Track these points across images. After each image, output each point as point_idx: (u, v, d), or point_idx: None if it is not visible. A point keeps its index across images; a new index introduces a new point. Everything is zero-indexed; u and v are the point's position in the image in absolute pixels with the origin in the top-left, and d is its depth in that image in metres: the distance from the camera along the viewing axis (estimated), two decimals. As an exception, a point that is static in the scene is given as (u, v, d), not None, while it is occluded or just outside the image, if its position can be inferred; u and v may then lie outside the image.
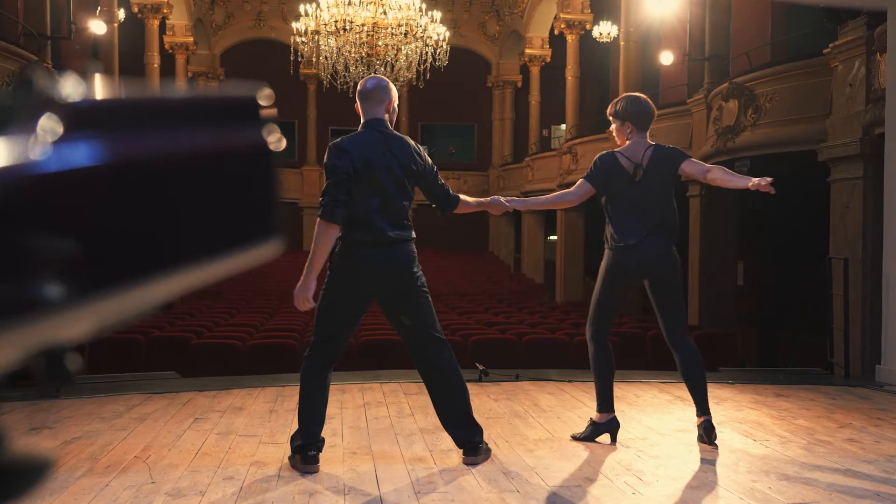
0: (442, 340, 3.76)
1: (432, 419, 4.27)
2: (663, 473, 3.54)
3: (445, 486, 3.32)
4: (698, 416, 4.10)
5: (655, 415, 4.88)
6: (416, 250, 3.77)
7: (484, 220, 24.76)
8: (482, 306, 14.28)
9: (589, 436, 4.12)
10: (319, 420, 3.64)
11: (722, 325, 11.79)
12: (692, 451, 3.95)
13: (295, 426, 3.77)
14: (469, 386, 5.52)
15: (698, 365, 4.13)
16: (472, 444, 3.68)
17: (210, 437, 4.23)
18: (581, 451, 3.91)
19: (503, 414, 4.84)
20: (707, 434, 4.01)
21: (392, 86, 3.82)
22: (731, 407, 5.17)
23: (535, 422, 4.64)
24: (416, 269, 3.71)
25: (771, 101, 10.19)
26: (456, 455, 3.76)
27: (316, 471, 3.55)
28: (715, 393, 5.68)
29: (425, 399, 4.29)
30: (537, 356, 8.63)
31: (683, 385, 5.97)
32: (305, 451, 3.56)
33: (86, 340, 0.52)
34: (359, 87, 3.80)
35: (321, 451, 3.62)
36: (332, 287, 3.64)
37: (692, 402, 5.29)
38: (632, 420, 4.70)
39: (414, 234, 3.76)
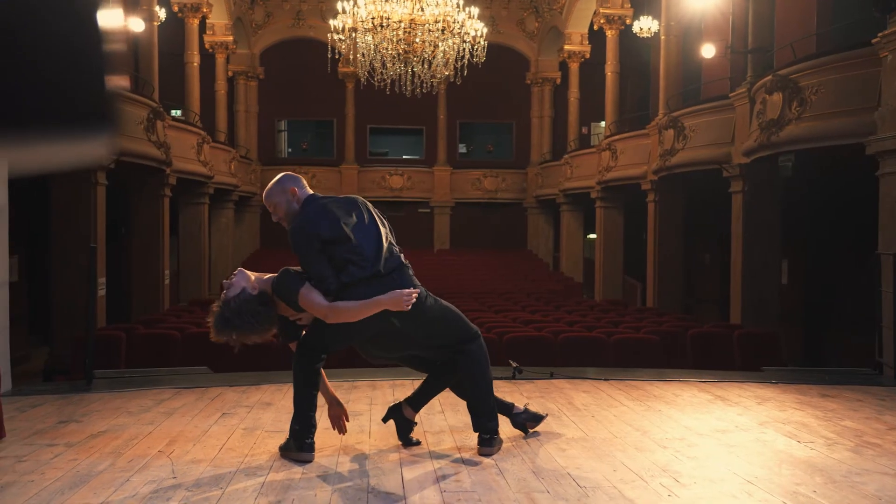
0: (465, 344, 3.78)
1: (462, 417, 4.17)
2: (701, 475, 3.38)
3: (473, 486, 3.21)
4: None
5: (694, 414, 4.70)
6: (417, 284, 3.69)
7: (522, 218, 24.58)
8: (519, 304, 14.13)
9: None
10: (315, 408, 3.67)
11: (765, 323, 11.49)
12: (733, 453, 3.78)
13: (322, 423, 3.72)
14: (502, 384, 5.42)
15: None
16: (485, 431, 3.74)
17: (236, 432, 4.16)
18: (616, 452, 3.77)
19: (536, 412, 4.70)
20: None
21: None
22: (774, 407, 4.98)
23: (569, 420, 4.50)
24: (420, 303, 3.62)
25: (816, 93, 9.89)
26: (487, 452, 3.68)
27: (311, 459, 3.58)
28: (758, 392, 5.50)
29: (456, 397, 4.18)
30: (574, 354, 8.46)
31: (724, 384, 5.80)
32: (302, 438, 3.60)
33: None
34: (279, 180, 3.73)
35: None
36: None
37: (732, 401, 5.13)
38: (669, 420, 4.54)
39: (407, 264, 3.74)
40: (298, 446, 3.59)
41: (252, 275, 3.67)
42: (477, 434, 3.77)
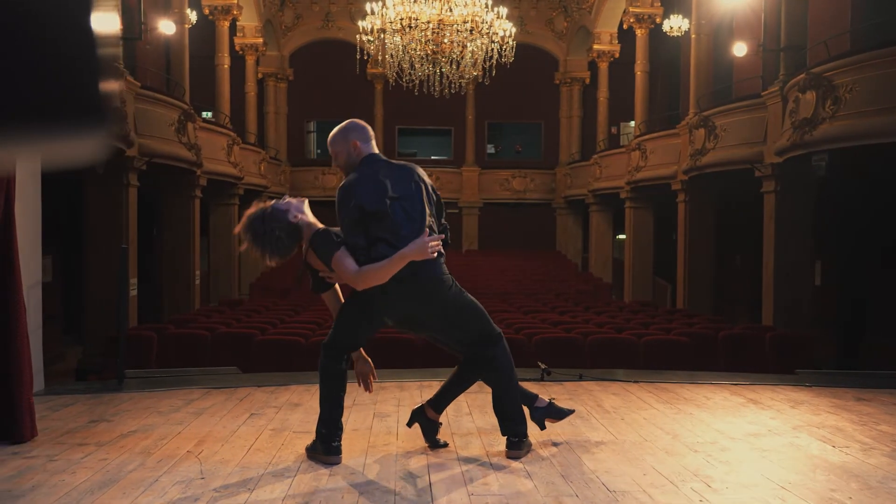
0: (484, 346, 3.73)
1: (490, 419, 4.14)
2: (734, 480, 3.33)
3: (500, 489, 3.18)
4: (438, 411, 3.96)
5: (726, 418, 4.63)
6: (444, 270, 3.64)
7: (551, 218, 24.48)
8: (548, 305, 14.06)
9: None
10: (341, 410, 3.67)
11: (798, 325, 11.33)
12: (766, 457, 3.71)
13: (350, 424, 3.72)
14: (530, 385, 5.37)
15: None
16: (514, 435, 3.71)
17: (264, 432, 4.17)
18: (646, 455, 3.72)
19: (565, 414, 4.66)
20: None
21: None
22: (807, 411, 4.89)
23: (598, 423, 4.46)
24: (443, 289, 3.60)
25: (851, 91, 9.73)
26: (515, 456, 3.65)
27: (339, 461, 3.56)
28: (791, 396, 5.41)
29: (484, 398, 4.16)
30: (603, 356, 8.40)
31: (756, 387, 5.72)
32: (329, 441, 3.59)
33: None
34: (345, 128, 3.72)
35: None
36: (355, 304, 3.62)
37: (765, 404, 5.05)
38: (701, 423, 4.47)
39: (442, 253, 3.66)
40: (325, 449, 3.58)
41: (307, 209, 3.69)
42: (505, 437, 3.75)
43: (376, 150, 3.72)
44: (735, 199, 15.04)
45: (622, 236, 20.31)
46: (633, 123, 20.43)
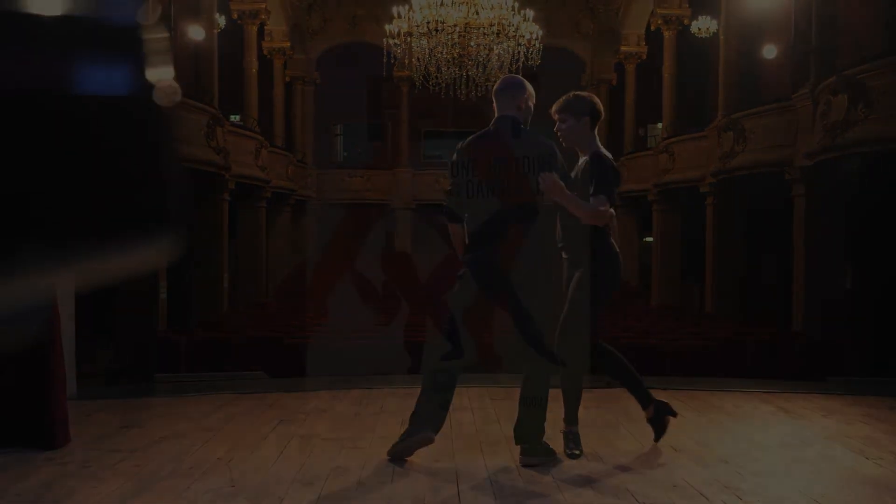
0: (537, 352, 3.76)
1: (519, 427, 4.12)
2: (765, 493, 3.29)
3: (529, 499, 3.17)
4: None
5: (757, 427, 4.59)
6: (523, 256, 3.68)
7: (577, 221, 24.35)
8: (575, 309, 14.00)
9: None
10: (431, 403, 3.71)
11: (829, 331, 11.19)
12: (798, 469, 3.67)
13: (378, 431, 3.73)
14: (557, 392, 5.34)
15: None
16: (525, 443, 3.71)
17: (293, 440, 4.19)
18: (676, 466, 3.70)
19: (593, 423, 4.64)
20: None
21: (526, 83, 3.93)
22: (840, 420, 4.83)
23: (627, 432, 4.43)
24: (525, 270, 3.66)
25: (884, 94, 9.60)
26: (541, 466, 3.64)
27: (431, 440, 3.69)
28: (822, 405, 5.34)
29: (512, 405, 4.14)
30: (630, 362, 8.34)
31: (787, 395, 5.66)
32: (414, 423, 3.70)
33: None
34: (519, 84, 3.93)
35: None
36: (461, 274, 3.78)
37: (796, 413, 4.99)
38: (730, 432, 4.43)
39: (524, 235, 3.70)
40: (410, 431, 3.68)
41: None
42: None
43: (505, 113, 3.80)
44: (764, 201, 14.89)
45: (649, 239, 20.19)
46: (660, 125, 20.30)
